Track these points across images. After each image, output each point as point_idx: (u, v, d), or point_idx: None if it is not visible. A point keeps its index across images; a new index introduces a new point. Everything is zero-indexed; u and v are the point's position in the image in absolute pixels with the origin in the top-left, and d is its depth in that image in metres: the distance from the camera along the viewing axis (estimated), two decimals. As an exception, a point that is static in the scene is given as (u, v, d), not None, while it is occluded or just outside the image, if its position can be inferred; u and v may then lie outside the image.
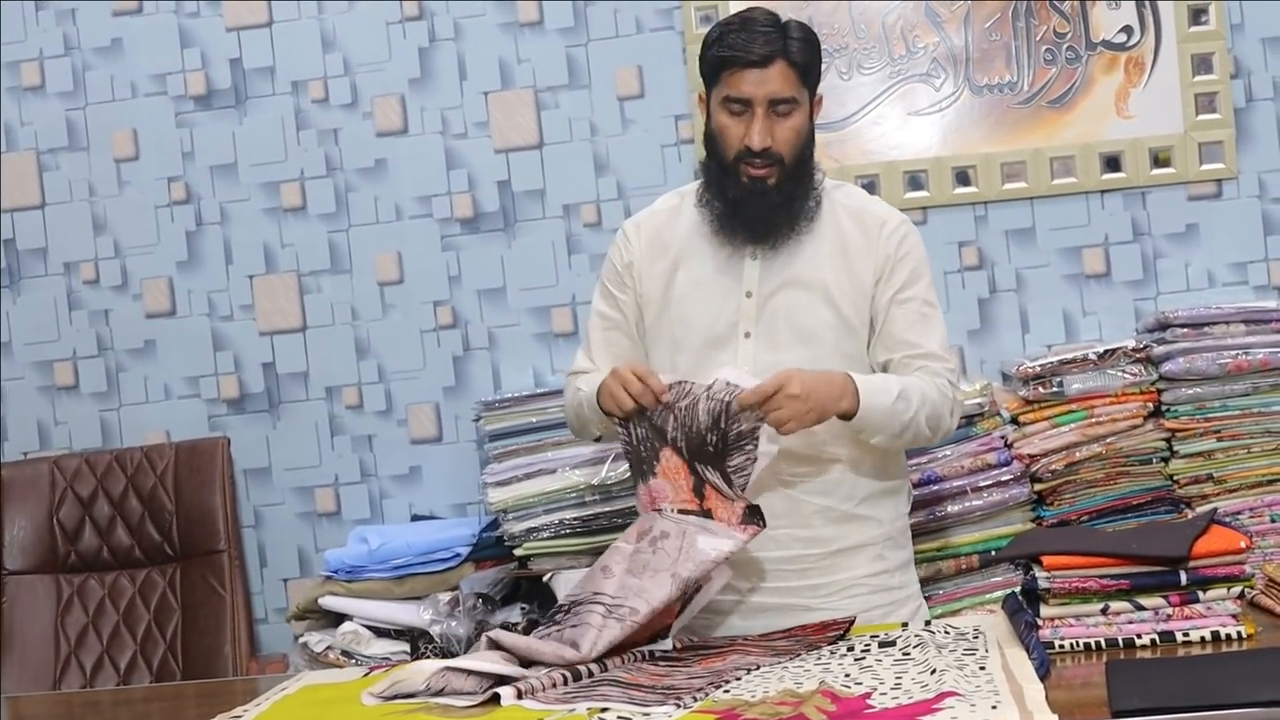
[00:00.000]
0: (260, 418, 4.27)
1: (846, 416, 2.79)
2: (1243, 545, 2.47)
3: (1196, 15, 4.02)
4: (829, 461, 2.92)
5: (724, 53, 2.87)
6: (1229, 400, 3.67)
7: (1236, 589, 2.47)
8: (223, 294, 4.28)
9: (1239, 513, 3.63)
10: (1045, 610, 2.49)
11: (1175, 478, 3.69)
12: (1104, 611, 2.48)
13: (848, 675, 2.42)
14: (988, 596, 3.65)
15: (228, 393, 4.28)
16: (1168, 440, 3.69)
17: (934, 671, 2.39)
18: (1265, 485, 3.67)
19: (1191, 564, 2.47)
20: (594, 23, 4.18)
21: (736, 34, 2.87)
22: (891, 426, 2.83)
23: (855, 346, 2.96)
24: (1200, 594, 2.47)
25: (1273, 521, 3.63)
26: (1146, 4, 4.03)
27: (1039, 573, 2.49)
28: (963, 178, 4.07)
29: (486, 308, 4.21)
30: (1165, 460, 3.70)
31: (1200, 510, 3.56)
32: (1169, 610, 2.48)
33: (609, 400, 2.83)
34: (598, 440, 3.49)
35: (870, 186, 4.04)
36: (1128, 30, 4.05)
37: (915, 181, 4.07)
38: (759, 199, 2.89)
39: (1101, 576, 2.48)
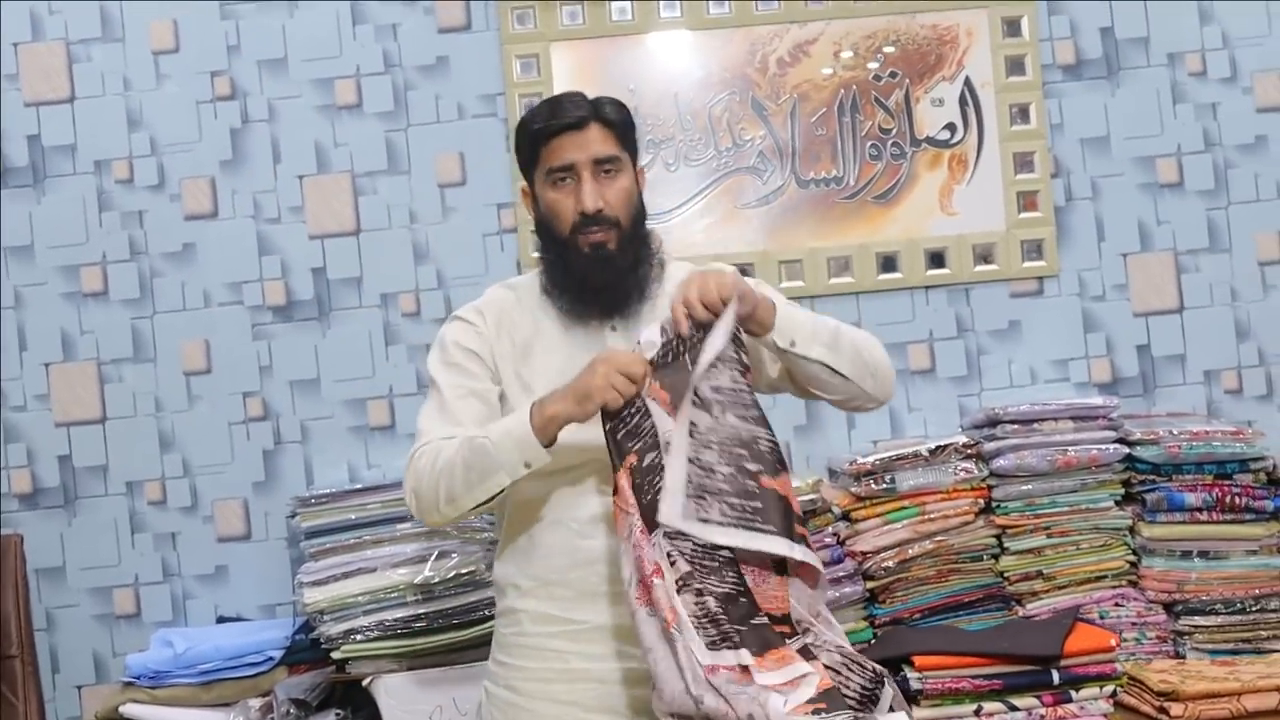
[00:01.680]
0: (55, 514, 4.03)
1: (767, 326, 2.69)
2: (1113, 643, 2.45)
3: (1018, 114, 4.07)
4: None
5: (538, 125, 2.85)
6: (1058, 496, 3.67)
7: (1109, 687, 2.45)
8: (16, 383, 4.04)
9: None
10: (918, 712, 2.44)
11: (1006, 574, 3.66)
12: (977, 713, 2.44)
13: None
14: (822, 696, 3.58)
15: (19, 487, 4.03)
16: (998, 537, 3.68)
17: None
18: (1094, 581, 3.66)
19: (1064, 663, 2.44)
20: (414, 107, 4.08)
21: (547, 108, 2.88)
22: (821, 334, 2.75)
23: None
24: (1073, 693, 2.44)
25: (1101, 619, 3.62)
26: (969, 102, 4.07)
27: (910, 673, 2.44)
28: (790, 271, 4.04)
29: (299, 399, 4.05)
30: (996, 557, 3.68)
31: (1040, 607, 3.55)
32: (1042, 711, 2.45)
33: (603, 390, 2.58)
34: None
35: (697, 279, 4.00)
36: (951, 128, 4.08)
37: (742, 274, 4.02)
38: (605, 266, 2.80)
39: (974, 676, 2.44)
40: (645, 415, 2.57)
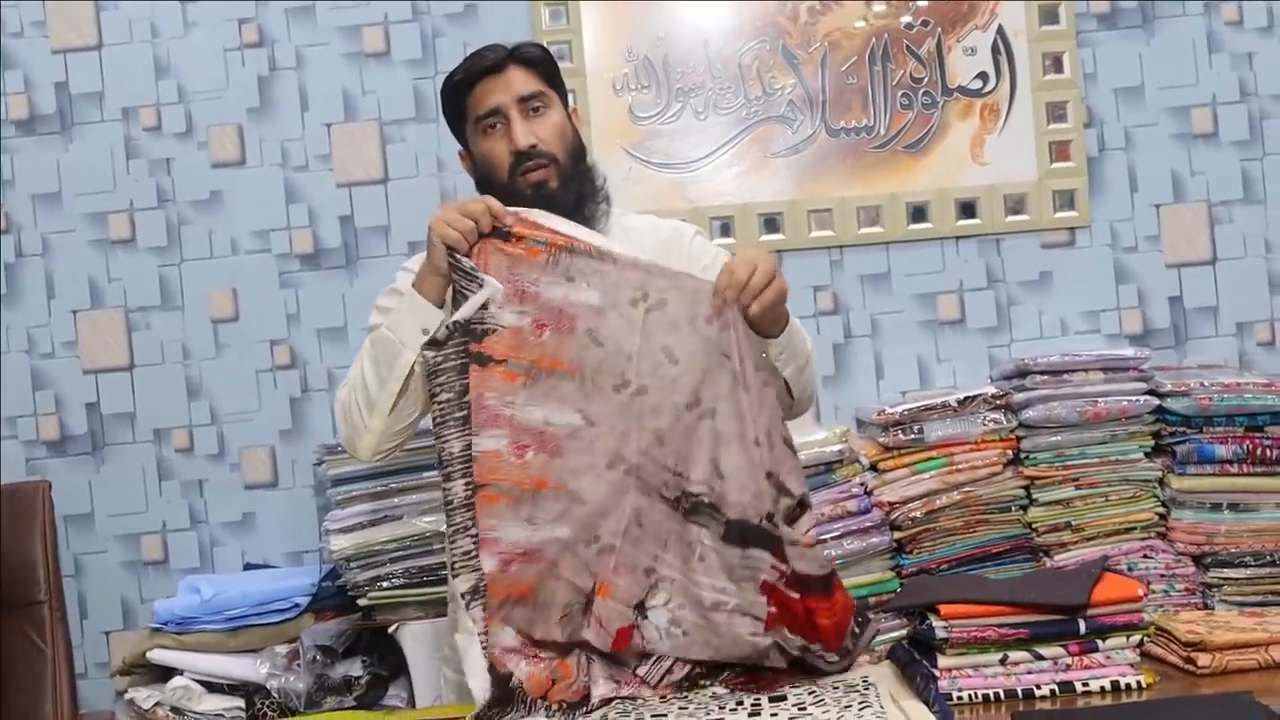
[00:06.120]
0: (83, 461, 4.04)
1: (780, 327, 2.66)
2: (1140, 593, 2.44)
3: (1051, 64, 4.03)
4: None
5: (458, 76, 2.87)
6: (1087, 448, 3.64)
7: (1136, 637, 2.43)
8: (44, 330, 4.05)
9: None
10: (943, 660, 2.42)
11: (1034, 526, 3.64)
12: (1003, 661, 2.42)
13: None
14: (848, 647, 3.57)
15: (48, 435, 4.04)
16: (1026, 488, 3.65)
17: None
18: (1123, 534, 3.63)
19: (1090, 612, 2.43)
20: (442, 55, 4.06)
21: (465, 60, 2.90)
22: (799, 357, 2.74)
23: None
24: (1099, 643, 2.42)
25: (1130, 570, 3.60)
26: (1002, 51, 4.04)
27: (936, 622, 2.43)
28: (819, 221, 4.02)
29: (326, 348, 4.06)
30: (1024, 508, 3.65)
31: (1079, 557, 3.53)
32: (1068, 660, 2.43)
33: (438, 227, 2.60)
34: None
35: (725, 228, 3.99)
36: (983, 77, 4.04)
37: (771, 224, 4.02)
38: (548, 205, 2.74)
39: (1000, 625, 2.42)
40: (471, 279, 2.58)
